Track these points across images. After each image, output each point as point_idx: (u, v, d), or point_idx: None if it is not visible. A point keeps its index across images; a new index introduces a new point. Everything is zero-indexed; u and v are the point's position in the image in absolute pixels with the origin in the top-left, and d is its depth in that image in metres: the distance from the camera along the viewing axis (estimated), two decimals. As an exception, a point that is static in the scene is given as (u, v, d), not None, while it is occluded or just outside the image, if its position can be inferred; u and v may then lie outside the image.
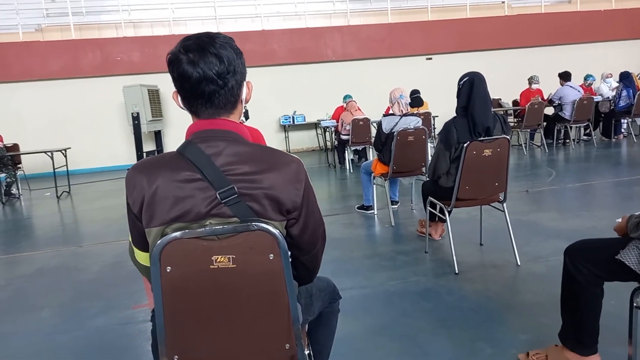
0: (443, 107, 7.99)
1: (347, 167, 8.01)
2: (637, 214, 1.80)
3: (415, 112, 7.68)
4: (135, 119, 9.44)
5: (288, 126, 10.96)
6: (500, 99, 11.05)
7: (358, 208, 5.05)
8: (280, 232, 1.16)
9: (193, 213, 1.13)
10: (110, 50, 10.27)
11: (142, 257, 1.26)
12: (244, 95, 1.26)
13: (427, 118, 7.34)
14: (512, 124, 9.05)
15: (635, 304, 1.82)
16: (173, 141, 10.37)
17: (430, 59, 11.58)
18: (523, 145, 8.52)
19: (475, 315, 2.54)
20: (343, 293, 1.81)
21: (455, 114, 3.18)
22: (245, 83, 1.26)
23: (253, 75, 9.03)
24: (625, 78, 8.53)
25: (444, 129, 3.16)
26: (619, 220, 1.85)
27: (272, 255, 1.16)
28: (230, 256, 1.14)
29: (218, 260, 1.13)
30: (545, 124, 8.58)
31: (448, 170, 3.20)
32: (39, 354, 2.49)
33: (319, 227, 1.31)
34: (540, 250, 3.39)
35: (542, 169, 6.89)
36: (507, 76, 11.07)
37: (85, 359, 2.40)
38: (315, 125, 10.75)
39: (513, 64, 11.51)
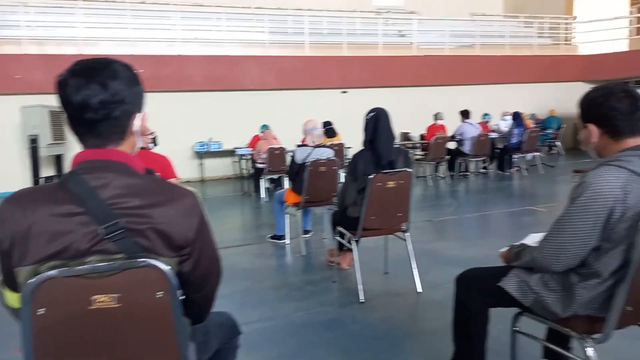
0: (357, 139, 8.29)
1: (262, 196, 7.98)
2: (517, 244, 1.98)
3: (328, 144, 7.92)
4: (33, 141, 8.73)
5: (203, 153, 10.73)
6: (409, 133, 11.72)
7: (270, 238, 5.03)
8: (171, 268, 1.13)
9: (72, 250, 1.06)
10: (9, 68, 9.49)
11: (13, 299, 1.15)
12: (136, 127, 1.20)
13: (340, 149, 7.57)
14: (419, 157, 9.60)
15: (516, 328, 1.98)
16: (77, 166, 9.68)
17: (346, 92, 12.03)
18: (428, 177, 9.06)
19: (378, 343, 2.61)
20: (250, 325, 1.79)
21: (362, 147, 3.32)
22: (137, 114, 1.20)
23: (168, 100, 8.81)
24: (517, 118, 9.46)
25: (351, 161, 3.29)
26: (504, 249, 2.02)
27: (160, 292, 1.12)
28: (114, 295, 1.08)
29: (99, 300, 1.07)
30: (448, 157, 9.21)
31: (355, 200, 3.31)
32: None
33: (213, 263, 1.28)
34: (439, 278, 3.59)
35: (445, 199, 7.35)
36: (415, 112, 11.78)
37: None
38: (231, 153, 10.61)
39: (421, 101, 12.29)
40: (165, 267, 1.10)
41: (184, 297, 1.19)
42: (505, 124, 10.19)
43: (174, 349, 1.16)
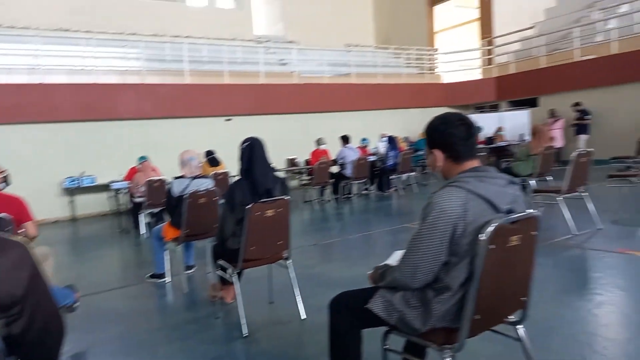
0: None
1: (143, 232, 7.51)
2: (381, 264, 2.07)
3: (212, 173, 7.75)
4: None
5: (74, 189, 9.83)
6: (295, 158, 11.95)
7: (149, 277, 4.71)
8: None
9: None
10: None
11: None
12: None
13: (224, 178, 7.44)
14: (305, 182, 9.81)
15: (386, 346, 2.06)
16: None
17: (230, 119, 11.93)
18: (315, 201, 9.26)
19: (261, 377, 2.54)
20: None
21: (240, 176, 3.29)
22: None
23: (32, 132, 8.04)
24: (391, 141, 10.13)
25: (228, 191, 3.23)
26: (370, 271, 2.10)
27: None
28: None
29: None
30: (332, 180, 9.53)
31: (234, 231, 3.24)
32: None
33: (52, 320, 1.14)
34: (323, 301, 3.56)
35: (330, 222, 7.56)
36: (300, 138, 12.07)
37: None
38: (106, 188, 9.87)
39: (304, 127, 12.63)
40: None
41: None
42: (383, 145, 10.86)
43: None
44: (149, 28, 12.82)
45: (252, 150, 3.29)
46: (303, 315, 3.31)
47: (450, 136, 1.81)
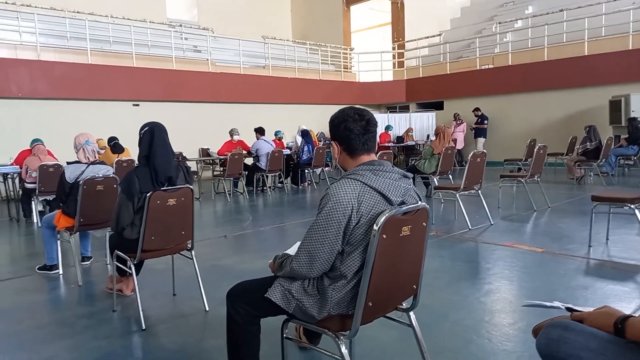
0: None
1: (35, 221, 6.89)
2: (280, 254, 2.08)
3: (116, 159, 7.31)
4: None
5: (-47, 173, 8.76)
6: (208, 149, 11.63)
7: (39, 269, 4.34)
8: None
9: None
10: None
11: None
12: None
13: (129, 165, 7.05)
14: (217, 173, 9.58)
15: (284, 335, 2.07)
16: None
17: (138, 105, 11.31)
18: (227, 192, 9.09)
19: (157, 372, 2.44)
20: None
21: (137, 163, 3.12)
22: None
23: None
24: (306, 135, 10.23)
25: (125, 178, 3.05)
26: (271, 260, 2.10)
27: None
28: None
29: None
30: (246, 172, 9.40)
31: (132, 221, 3.08)
32: None
33: None
34: (228, 293, 3.57)
35: (242, 214, 7.47)
36: (214, 127, 11.75)
37: None
38: (-7, 172, 8.90)
39: (218, 116, 12.32)
40: None
41: None
42: (300, 139, 10.91)
43: None
44: (44, 1, 11.73)
45: (152, 136, 3.14)
46: (207, 308, 3.24)
47: (347, 130, 1.87)
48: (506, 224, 5.87)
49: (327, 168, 10.86)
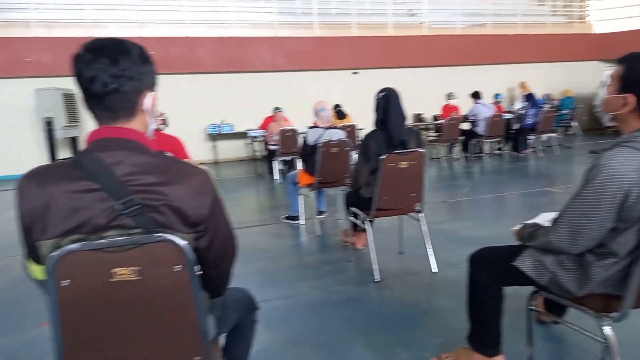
0: (368, 120, 8.21)
1: (276, 178, 8.00)
2: (530, 222, 1.96)
3: (339, 125, 7.88)
4: (49, 124, 8.83)
5: (216, 135, 10.77)
6: (422, 114, 11.61)
7: (285, 218, 5.05)
8: (188, 243, 1.14)
9: (91, 225, 1.08)
10: (19, 51, 9.55)
11: (37, 271, 1.18)
12: (146, 106, 1.21)
13: (351, 131, 7.53)
14: (432, 138, 9.52)
15: (530, 307, 1.97)
16: (91, 149, 9.77)
17: (357, 73, 11.91)
18: (442, 158, 8.98)
19: (393, 321, 2.62)
20: (266, 304, 1.80)
21: (374, 127, 3.30)
22: (147, 92, 1.21)
23: (179, 82, 8.79)
24: (531, 98, 9.30)
25: (363, 141, 3.26)
26: (517, 227, 2.00)
27: (178, 266, 1.13)
28: (133, 268, 1.10)
29: (119, 272, 1.09)
30: (462, 138, 9.11)
31: (368, 181, 3.30)
32: None
33: (228, 241, 1.30)
34: (454, 257, 3.58)
35: (459, 180, 7.30)
36: (427, 92, 11.65)
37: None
38: (243, 135, 10.63)
39: (433, 81, 12.14)
40: (181, 242, 1.12)
41: (201, 272, 1.21)
42: (521, 104, 10.02)
43: (193, 320, 1.18)
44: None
45: (388, 101, 3.26)
46: (434, 269, 3.31)
47: None
48: None
49: (554, 134, 9.73)
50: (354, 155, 4.93)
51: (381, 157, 3.10)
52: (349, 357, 2.27)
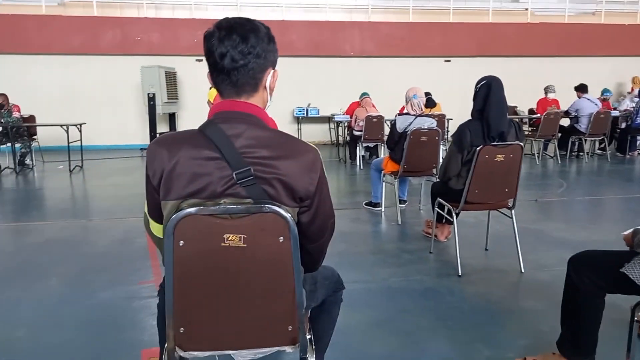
0: (458, 110, 7.95)
1: (358, 163, 8.02)
2: (643, 228, 1.80)
3: (429, 113, 7.69)
4: (151, 99, 9.51)
5: (301, 118, 10.98)
6: (516, 107, 10.97)
7: (366, 204, 5.07)
8: (292, 217, 1.19)
9: (209, 190, 1.16)
10: (130, 30, 10.34)
11: (157, 229, 1.30)
12: (267, 83, 1.27)
13: (441, 120, 7.32)
14: (526, 133, 8.98)
15: (636, 318, 1.83)
16: (187, 124, 10.42)
17: (449, 61, 11.52)
18: (536, 154, 8.47)
19: (475, 317, 2.55)
20: (346, 286, 1.83)
21: (470, 117, 3.18)
22: (270, 70, 1.28)
23: (270, 64, 8.85)
24: (645, 95, 8.44)
25: (457, 131, 3.16)
26: (627, 232, 1.86)
27: (282, 238, 1.19)
28: (242, 236, 1.17)
29: (230, 238, 1.16)
30: (560, 135, 8.51)
31: (459, 172, 3.20)
32: (45, 322, 2.55)
33: (328, 218, 1.34)
34: (544, 259, 3.40)
35: (553, 179, 6.86)
36: (523, 84, 10.95)
37: (88, 331, 2.45)
38: (328, 119, 10.75)
39: (530, 72, 11.41)
40: (287, 215, 1.17)
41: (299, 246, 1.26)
42: (629, 102, 9.14)
43: (290, 290, 1.24)
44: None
45: (488, 90, 3.11)
46: (522, 269, 3.16)
47: None
48: None
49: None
50: (443, 146, 4.82)
51: (477, 149, 2.99)
52: (428, 347, 2.25)
